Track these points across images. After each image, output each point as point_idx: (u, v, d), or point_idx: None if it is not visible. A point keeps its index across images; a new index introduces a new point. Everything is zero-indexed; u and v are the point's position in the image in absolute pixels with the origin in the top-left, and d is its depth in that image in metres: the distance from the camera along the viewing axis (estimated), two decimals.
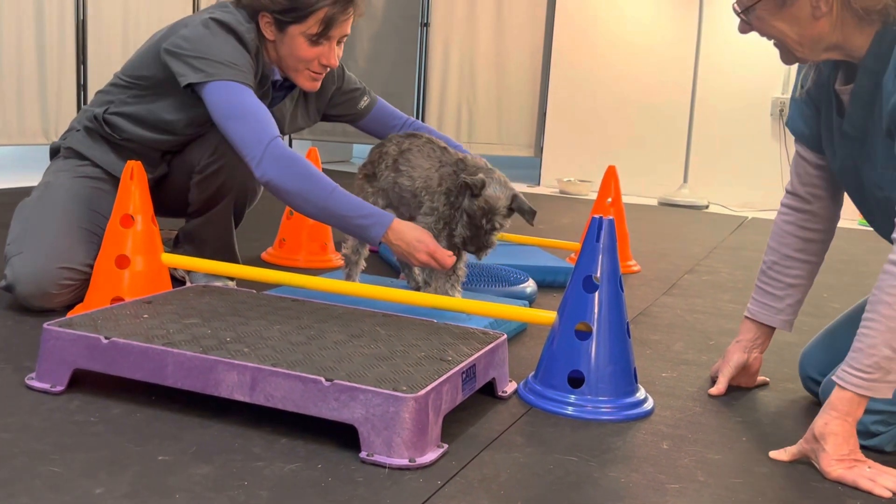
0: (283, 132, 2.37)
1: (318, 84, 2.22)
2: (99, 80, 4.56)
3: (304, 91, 2.31)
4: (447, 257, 1.92)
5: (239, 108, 1.96)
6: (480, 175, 1.99)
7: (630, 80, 5.72)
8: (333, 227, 1.99)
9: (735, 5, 1.55)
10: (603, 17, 5.76)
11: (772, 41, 1.55)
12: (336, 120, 2.51)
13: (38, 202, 2.17)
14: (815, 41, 1.49)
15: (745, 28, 1.56)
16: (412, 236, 1.92)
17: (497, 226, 2.00)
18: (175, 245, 2.38)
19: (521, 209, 2.00)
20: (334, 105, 2.44)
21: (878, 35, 1.44)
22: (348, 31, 2.14)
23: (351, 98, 2.43)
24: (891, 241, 1.45)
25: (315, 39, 2.09)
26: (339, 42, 2.16)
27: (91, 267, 2.08)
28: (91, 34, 4.70)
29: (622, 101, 5.76)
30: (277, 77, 2.23)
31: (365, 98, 2.45)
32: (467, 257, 2.12)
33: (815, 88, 1.64)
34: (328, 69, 2.18)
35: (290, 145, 6.42)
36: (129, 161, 2.00)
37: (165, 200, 2.32)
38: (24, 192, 2.36)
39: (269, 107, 2.25)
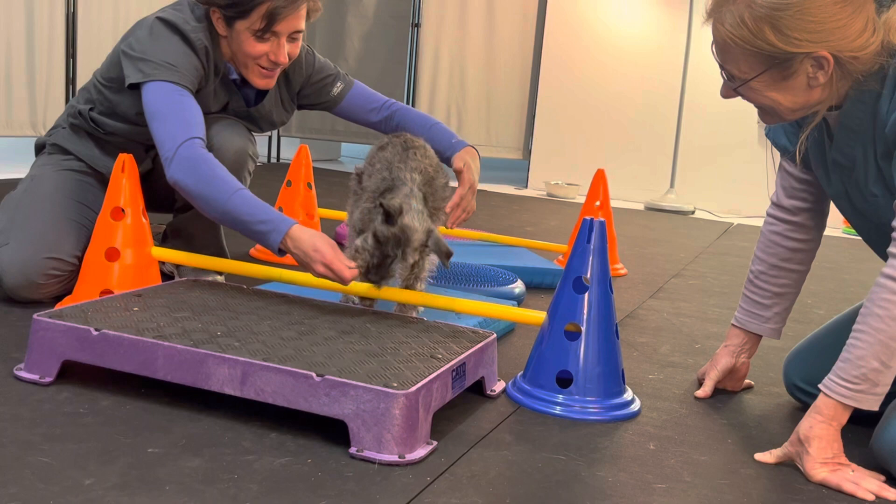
0: (262, 129, 2.38)
1: (272, 81, 2.15)
2: (88, 73, 4.54)
3: (279, 84, 2.27)
4: (346, 269, 1.74)
5: (163, 108, 1.94)
6: (398, 200, 1.77)
7: (619, 85, 5.75)
8: (239, 232, 1.87)
9: (723, 73, 1.50)
10: (593, 21, 5.79)
11: (755, 105, 1.52)
12: (312, 108, 2.41)
13: (24, 194, 2.17)
14: (808, 106, 1.47)
15: (729, 94, 1.51)
16: (309, 245, 1.76)
17: (408, 259, 1.79)
18: (163, 240, 2.37)
19: (438, 249, 1.81)
20: (305, 95, 2.35)
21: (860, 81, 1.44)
22: (300, 26, 2.06)
23: (323, 85, 2.33)
24: (885, 258, 1.46)
25: (260, 35, 2.03)
26: (291, 38, 2.08)
27: (78, 258, 2.08)
28: (81, 27, 4.68)
29: (611, 106, 5.79)
30: (235, 76, 2.19)
31: (338, 84, 2.34)
32: (429, 257, 1.99)
33: None
34: (279, 67, 2.11)
35: (279, 143, 6.42)
36: (120, 154, 2.00)
37: (152, 196, 2.31)
38: (13, 183, 2.36)
39: (248, 105, 2.24)
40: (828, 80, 1.41)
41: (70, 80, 4.73)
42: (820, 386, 1.42)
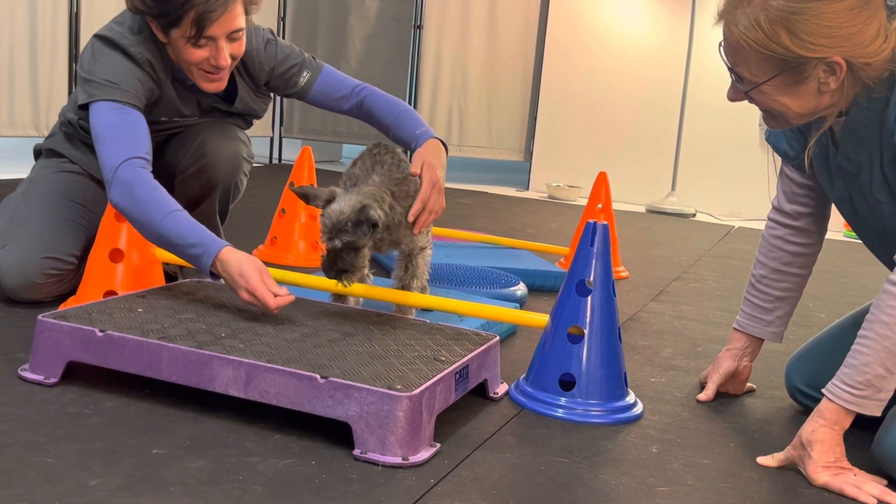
0: (248, 123, 2.37)
1: (221, 83, 2.06)
2: None
3: (242, 78, 2.21)
4: (269, 297, 1.65)
5: (103, 130, 1.90)
6: (331, 188, 1.75)
7: (620, 87, 5.76)
8: (176, 256, 1.83)
9: (732, 76, 1.49)
10: (595, 24, 5.80)
11: (761, 108, 1.50)
12: (287, 97, 2.33)
13: (21, 196, 2.19)
14: (816, 111, 1.46)
15: (738, 97, 1.50)
16: (236, 270, 1.69)
17: (337, 244, 1.73)
18: None
19: (358, 219, 1.72)
20: (274, 87, 2.27)
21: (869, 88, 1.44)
22: (235, 25, 1.95)
23: (289, 76, 2.23)
24: (890, 265, 1.46)
25: (195, 41, 1.94)
26: (231, 38, 1.98)
27: (76, 257, 2.09)
28: (84, 27, 4.69)
29: (612, 108, 5.80)
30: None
31: (304, 73, 2.23)
32: (422, 256, 1.99)
33: None
34: (223, 69, 2.01)
35: (280, 145, 6.42)
36: None
37: None
38: (14, 183, 2.36)
39: (225, 100, 2.21)
40: (839, 86, 1.41)
41: (73, 80, 4.73)
42: (823, 391, 1.43)
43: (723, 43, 1.47)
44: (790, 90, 1.43)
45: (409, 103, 6.17)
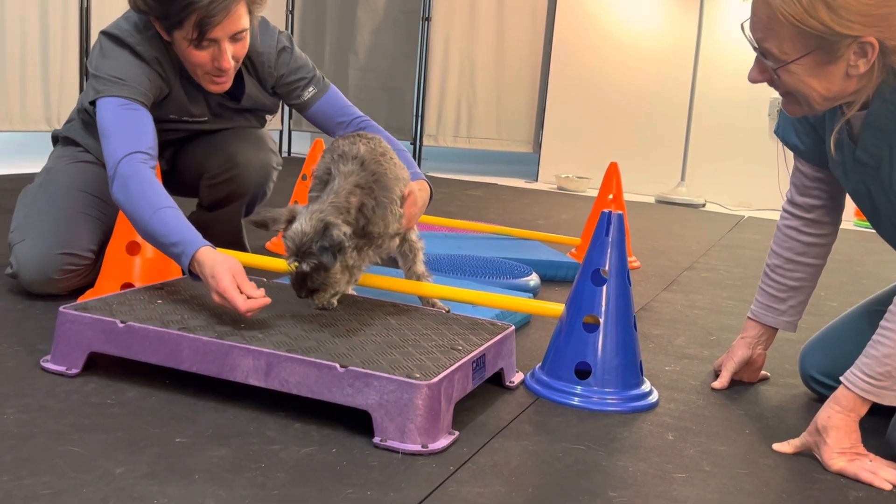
0: (261, 120, 2.37)
1: (226, 84, 2.06)
2: None
3: (251, 75, 2.20)
4: (239, 301, 1.58)
5: (108, 125, 1.91)
6: (290, 207, 1.68)
7: (629, 77, 5.75)
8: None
9: (758, 55, 1.45)
10: (604, 14, 5.79)
11: (782, 92, 1.48)
12: (288, 105, 2.30)
13: (39, 188, 2.20)
14: (840, 97, 1.44)
15: (761, 77, 1.47)
16: (208, 272, 1.63)
17: (304, 268, 1.63)
18: None
19: (332, 245, 1.59)
20: (277, 93, 2.27)
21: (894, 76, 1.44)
22: (239, 27, 1.94)
23: (294, 88, 2.22)
24: None
25: (197, 44, 1.94)
26: (235, 39, 1.97)
27: (94, 252, 2.11)
28: (94, 21, 4.71)
29: (621, 99, 5.79)
30: None
31: (310, 89, 2.22)
32: (414, 249, 1.93)
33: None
34: (226, 72, 2.01)
35: (290, 138, 6.44)
36: None
37: (172, 189, 2.35)
38: (26, 178, 2.38)
39: (233, 98, 2.20)
40: (867, 71, 1.38)
41: (84, 74, 4.75)
42: (841, 378, 1.44)
43: (751, 19, 1.44)
44: (819, 70, 1.40)
45: (418, 96, 6.18)
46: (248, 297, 1.60)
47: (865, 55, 1.37)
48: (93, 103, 1.97)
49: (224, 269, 1.62)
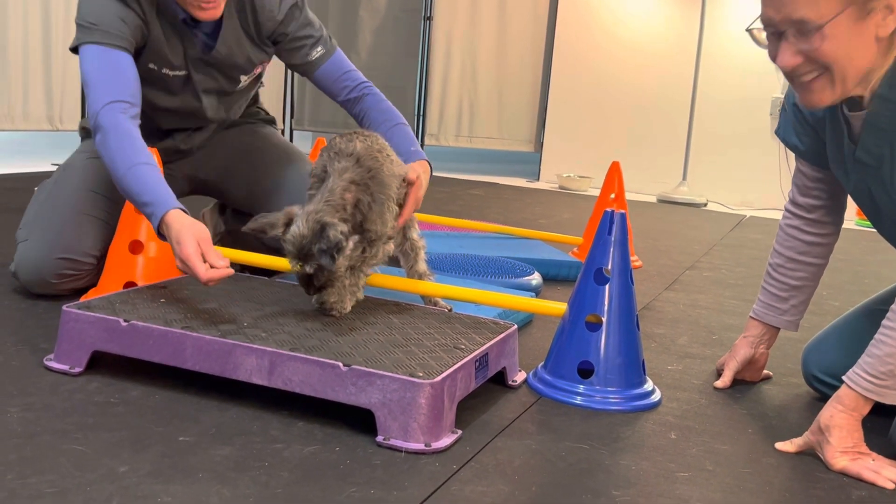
0: (233, 78, 2.20)
1: (216, 11, 1.97)
2: None
3: (242, 23, 2.11)
4: (201, 269, 1.56)
5: (86, 76, 1.88)
6: (286, 210, 1.65)
7: (631, 77, 5.76)
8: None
9: (792, 31, 1.39)
10: (605, 13, 5.79)
11: (802, 76, 1.43)
12: (291, 67, 2.23)
13: (53, 185, 2.17)
14: (859, 71, 1.40)
15: (794, 59, 1.40)
16: (175, 236, 1.61)
17: (308, 270, 1.61)
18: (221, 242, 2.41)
19: (329, 247, 1.56)
20: (284, 51, 2.18)
21: (893, 66, 1.42)
22: None
23: (300, 46, 2.15)
24: None
25: None
26: None
27: (95, 257, 2.07)
28: None
29: (623, 98, 5.79)
30: (183, 15, 2.03)
31: (318, 48, 2.15)
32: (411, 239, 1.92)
33: (812, 112, 1.62)
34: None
35: (291, 137, 6.44)
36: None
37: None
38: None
39: (204, 51, 2.11)
40: (888, 39, 1.36)
41: None
42: (844, 378, 1.44)
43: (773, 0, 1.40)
44: (853, 29, 1.35)
45: (419, 95, 6.18)
46: (212, 267, 1.57)
47: (893, 12, 1.34)
48: (75, 51, 1.95)
49: (189, 235, 1.59)
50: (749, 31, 1.48)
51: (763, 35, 1.46)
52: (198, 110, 2.23)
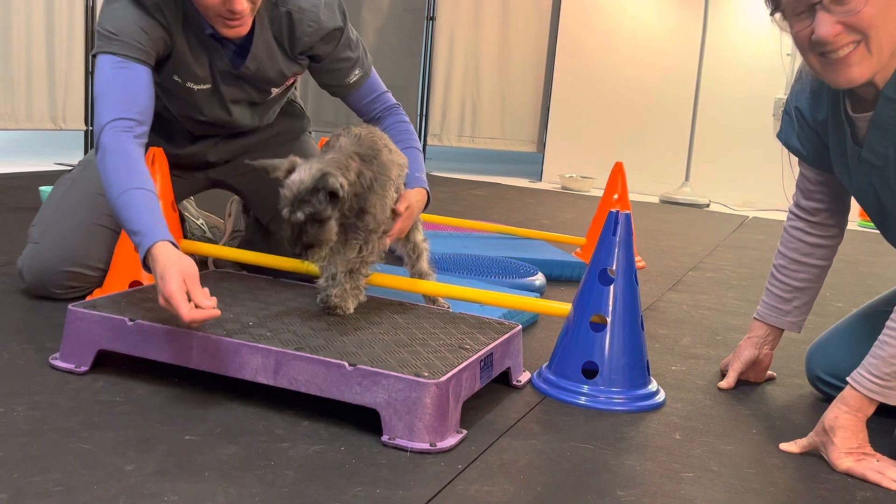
0: (262, 92, 2.14)
1: (243, 28, 1.88)
2: None
3: (276, 35, 2.02)
4: (184, 309, 1.46)
5: (98, 87, 1.84)
6: (291, 158, 1.64)
7: (634, 77, 5.76)
8: None
9: (820, 4, 1.37)
10: (608, 14, 5.79)
11: (839, 49, 1.39)
12: (324, 87, 2.16)
13: (71, 186, 2.13)
14: (895, 38, 1.38)
15: (833, 28, 1.37)
16: (160, 271, 1.53)
17: (299, 216, 1.57)
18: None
19: (324, 187, 1.56)
20: (316, 69, 2.12)
21: None
22: None
23: (339, 68, 2.09)
24: None
25: None
26: None
27: (102, 269, 2.05)
28: None
29: (625, 99, 5.80)
30: (210, 30, 1.97)
31: (355, 72, 2.10)
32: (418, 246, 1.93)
33: (812, 114, 1.63)
34: (240, 14, 1.83)
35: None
36: (150, 147, 1.99)
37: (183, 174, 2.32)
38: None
39: (234, 66, 2.03)
40: None
41: (90, 73, 4.76)
42: (848, 379, 1.44)
43: None
44: None
45: (422, 96, 6.19)
46: (196, 307, 1.49)
47: None
48: (95, 57, 1.91)
49: (175, 271, 1.51)
50: (772, 15, 1.46)
51: (785, 23, 1.46)
52: (228, 121, 2.17)
